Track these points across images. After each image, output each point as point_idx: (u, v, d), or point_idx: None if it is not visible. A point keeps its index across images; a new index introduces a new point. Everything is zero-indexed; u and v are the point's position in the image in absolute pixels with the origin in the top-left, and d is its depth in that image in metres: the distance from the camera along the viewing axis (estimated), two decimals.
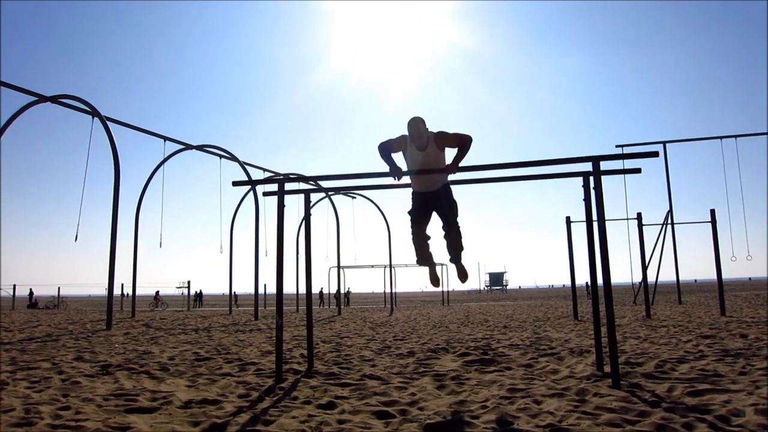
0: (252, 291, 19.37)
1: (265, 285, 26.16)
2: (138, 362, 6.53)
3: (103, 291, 23.44)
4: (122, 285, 32.96)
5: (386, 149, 5.31)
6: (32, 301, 34.63)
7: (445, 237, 5.51)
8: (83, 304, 41.72)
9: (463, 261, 5.71)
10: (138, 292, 20.78)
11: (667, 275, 21.65)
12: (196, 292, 40.65)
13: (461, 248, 5.56)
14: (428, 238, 5.62)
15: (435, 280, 6.32)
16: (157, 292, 33.24)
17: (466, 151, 5.12)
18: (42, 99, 13.72)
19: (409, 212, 5.59)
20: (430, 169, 5.21)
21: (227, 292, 24.02)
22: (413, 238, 5.60)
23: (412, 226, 5.57)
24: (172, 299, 47.51)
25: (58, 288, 35.46)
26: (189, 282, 33.87)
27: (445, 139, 5.13)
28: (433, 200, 5.43)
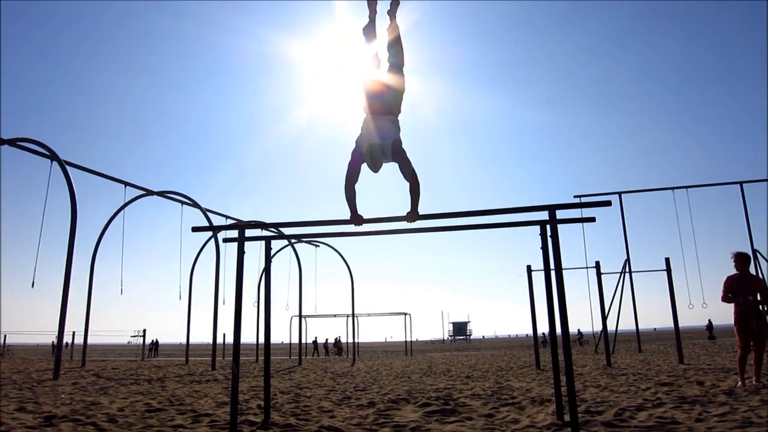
0: (210, 340, 18.86)
1: (224, 334, 25.52)
2: (85, 414, 6.23)
3: (53, 339, 22.52)
4: (73, 333, 31.72)
5: (351, 188, 5.30)
6: None
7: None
8: (30, 353, 39.95)
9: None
10: (91, 340, 20.01)
11: (627, 324, 21.91)
12: (152, 341, 39.39)
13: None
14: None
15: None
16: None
17: (419, 195, 5.17)
18: None
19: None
20: (392, 217, 5.24)
21: (185, 341, 23.30)
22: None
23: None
24: (126, 349, 45.86)
25: (4, 336, 33.91)
26: (144, 331, 32.85)
27: (399, 158, 5.19)
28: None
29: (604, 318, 14.88)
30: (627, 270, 18.32)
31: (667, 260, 14.64)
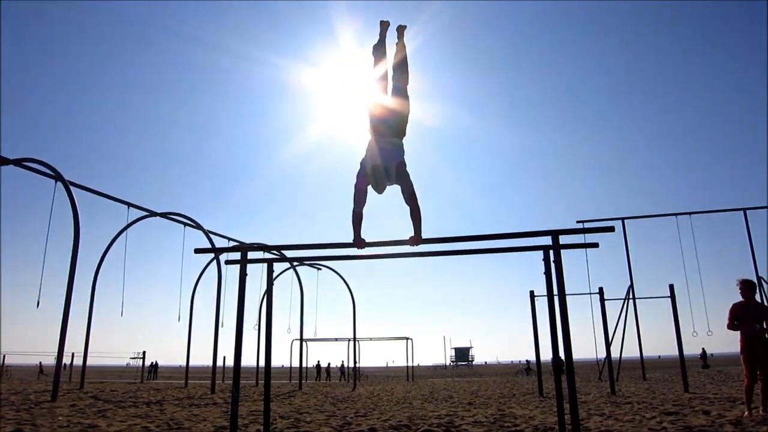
0: (210, 363, 18.72)
1: (224, 357, 25.34)
2: None
3: (53, 360, 22.35)
4: (72, 354, 31.54)
5: (359, 211, 5.31)
6: None
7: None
8: (29, 374, 39.67)
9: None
10: (90, 362, 19.86)
11: (631, 351, 21.72)
12: (151, 363, 39.11)
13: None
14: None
15: None
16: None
17: (420, 219, 5.18)
18: (5, 162, 13.51)
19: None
20: (395, 241, 5.22)
21: (184, 363, 23.12)
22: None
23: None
24: (125, 371, 45.55)
25: (3, 356, 33.71)
26: (144, 353, 32.64)
27: (402, 181, 5.20)
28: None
29: (608, 345, 14.74)
30: (631, 296, 18.22)
31: (671, 287, 14.54)
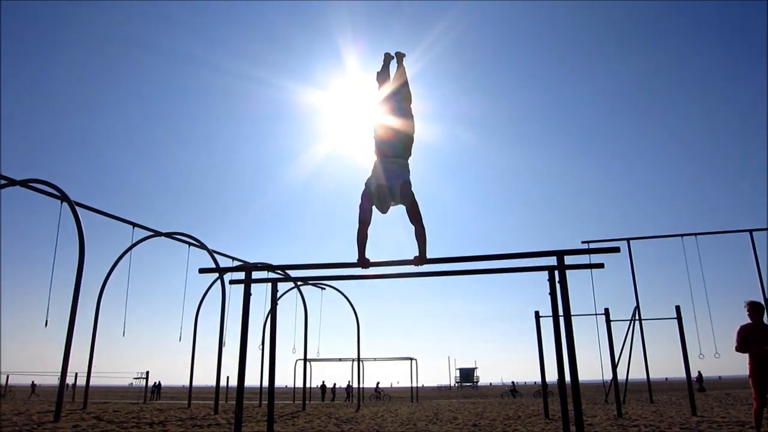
0: (214, 383, 18.62)
1: (227, 377, 25.21)
2: None
3: (56, 380, 22.27)
4: (76, 374, 31.44)
5: (364, 232, 5.33)
6: None
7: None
8: (31, 394, 39.50)
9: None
10: (93, 382, 19.77)
11: (638, 373, 21.48)
12: (154, 383, 38.94)
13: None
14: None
15: None
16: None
17: (426, 239, 5.19)
18: (11, 183, 13.60)
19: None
20: (399, 261, 5.22)
21: (188, 383, 23.00)
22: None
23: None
24: (128, 391, 45.32)
25: (7, 376, 33.65)
26: (147, 373, 32.52)
27: (407, 201, 5.23)
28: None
29: (614, 366, 14.60)
30: (637, 317, 18.08)
31: (678, 308, 14.43)
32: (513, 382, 50.80)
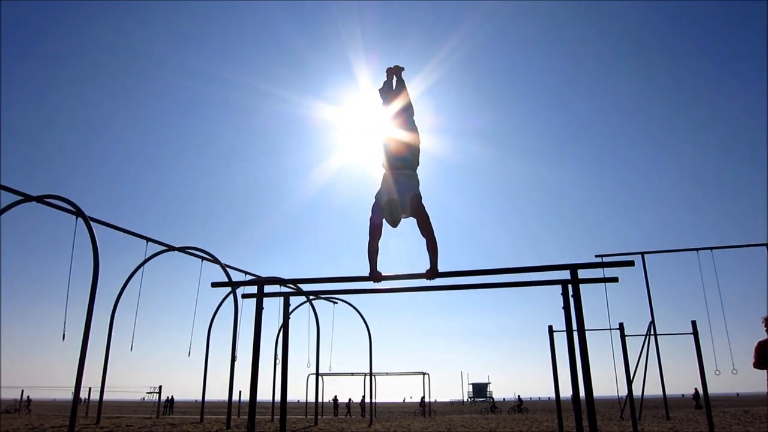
0: (226, 397, 18.60)
1: (240, 392, 25.19)
2: None
3: (69, 395, 22.36)
4: (89, 389, 31.53)
5: (374, 245, 5.34)
6: None
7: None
8: (47, 409, 39.65)
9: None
10: (106, 396, 19.81)
11: (654, 389, 21.21)
12: (167, 398, 38.97)
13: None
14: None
15: None
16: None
17: (437, 252, 5.18)
18: (28, 198, 13.77)
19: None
20: (411, 275, 5.21)
21: (200, 398, 22.99)
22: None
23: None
24: (141, 405, 45.36)
25: (22, 391, 33.85)
26: (160, 387, 32.54)
27: (418, 214, 5.24)
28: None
29: (630, 382, 14.41)
30: (652, 332, 17.87)
31: (694, 323, 14.25)
32: (492, 399, 48.73)
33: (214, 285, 6.23)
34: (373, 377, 24.42)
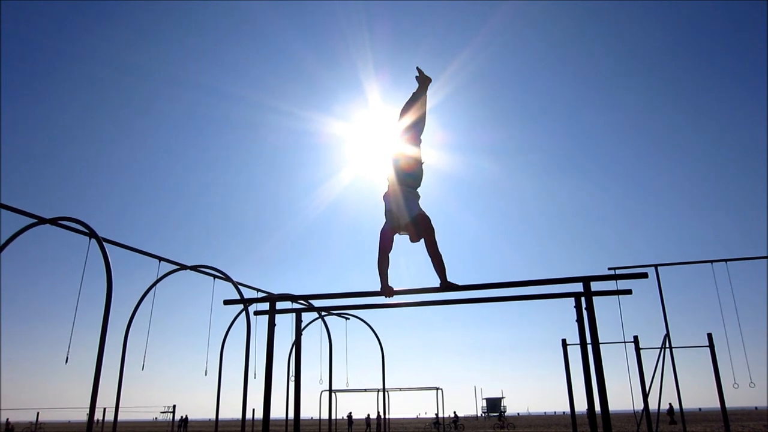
0: (240, 416, 18.54)
1: (253, 410, 25.12)
2: None
3: (84, 416, 22.41)
4: (104, 410, 31.58)
5: (384, 259, 5.36)
6: (8, 428, 33.01)
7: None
8: (61, 430, 39.71)
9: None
10: (121, 416, 19.83)
11: (670, 402, 20.89)
12: (181, 417, 38.96)
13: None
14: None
15: None
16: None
17: (444, 266, 5.20)
18: (41, 221, 13.92)
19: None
20: (423, 289, 5.22)
21: (214, 416, 22.97)
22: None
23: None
24: (154, 425, 45.40)
25: (37, 413, 33.92)
26: (174, 407, 32.55)
27: (425, 232, 5.24)
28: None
29: (645, 396, 14.24)
30: (667, 346, 17.67)
31: (710, 336, 14.09)
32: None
33: (227, 302, 6.25)
34: (386, 393, 24.28)
